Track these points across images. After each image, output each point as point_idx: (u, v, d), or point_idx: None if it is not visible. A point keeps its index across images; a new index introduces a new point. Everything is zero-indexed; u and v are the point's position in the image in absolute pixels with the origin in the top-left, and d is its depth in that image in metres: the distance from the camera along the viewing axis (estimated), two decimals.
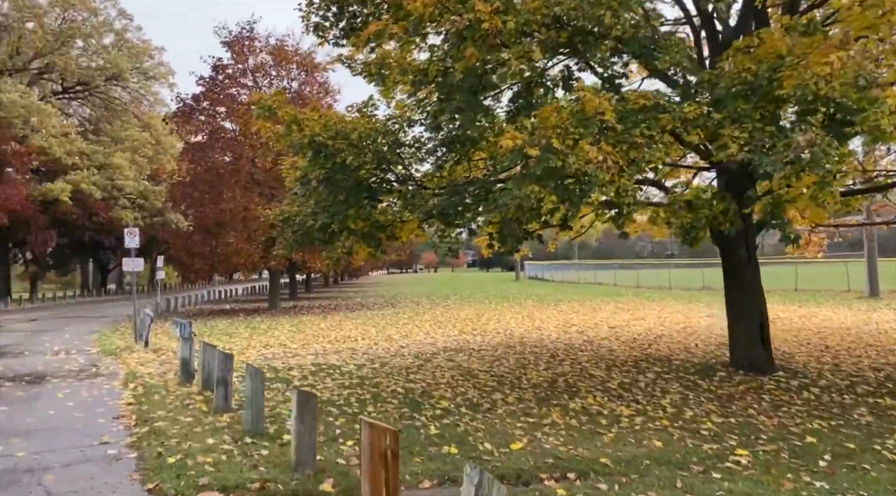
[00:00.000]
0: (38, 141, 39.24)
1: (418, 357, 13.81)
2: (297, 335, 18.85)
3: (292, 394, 5.77)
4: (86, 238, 48.89)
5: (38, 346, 16.79)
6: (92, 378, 11.49)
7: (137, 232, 17.24)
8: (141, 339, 16.49)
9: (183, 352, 10.76)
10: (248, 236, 27.23)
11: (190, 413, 8.25)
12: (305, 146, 8.91)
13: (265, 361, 13.27)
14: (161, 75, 47.87)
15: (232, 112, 27.42)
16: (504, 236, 8.58)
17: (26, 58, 42.88)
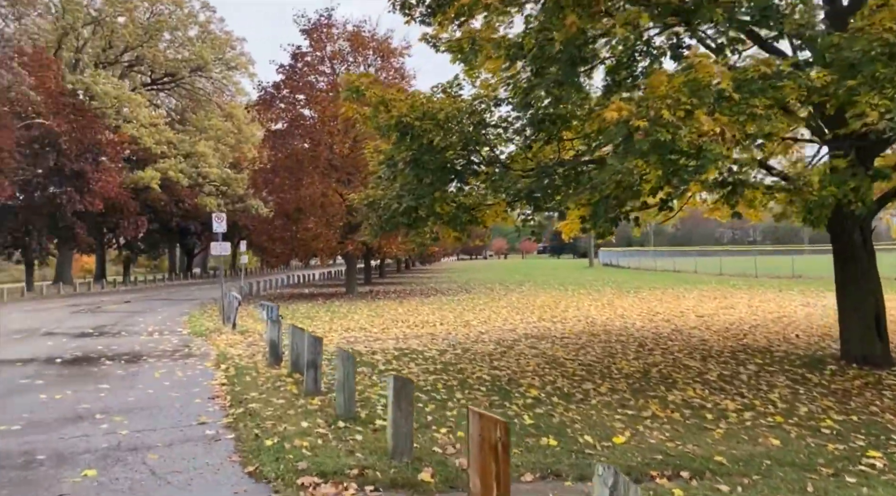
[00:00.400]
0: (129, 130, 41.21)
1: (499, 343, 13.56)
2: (377, 319, 18.96)
3: (389, 381, 5.62)
4: (173, 224, 51.16)
5: (133, 327, 17.57)
6: (185, 358, 11.84)
7: (225, 217, 17.71)
8: (229, 322, 16.97)
9: (271, 335, 10.90)
10: (327, 222, 27.67)
11: (281, 395, 8.30)
12: (392, 128, 8.74)
13: (348, 345, 13.35)
14: (242, 65, 49.28)
15: (311, 99, 27.80)
16: (598, 218, 8.16)
17: (118, 51, 45.01)
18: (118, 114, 42.43)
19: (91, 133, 37.73)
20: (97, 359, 11.80)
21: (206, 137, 47.18)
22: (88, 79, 39.13)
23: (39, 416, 7.35)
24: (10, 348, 13.42)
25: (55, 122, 35.08)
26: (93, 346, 13.50)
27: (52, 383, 9.44)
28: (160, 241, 59.31)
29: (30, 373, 10.34)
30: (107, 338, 15.08)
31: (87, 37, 43.59)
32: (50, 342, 14.29)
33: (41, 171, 35.43)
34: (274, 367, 10.61)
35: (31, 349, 13.19)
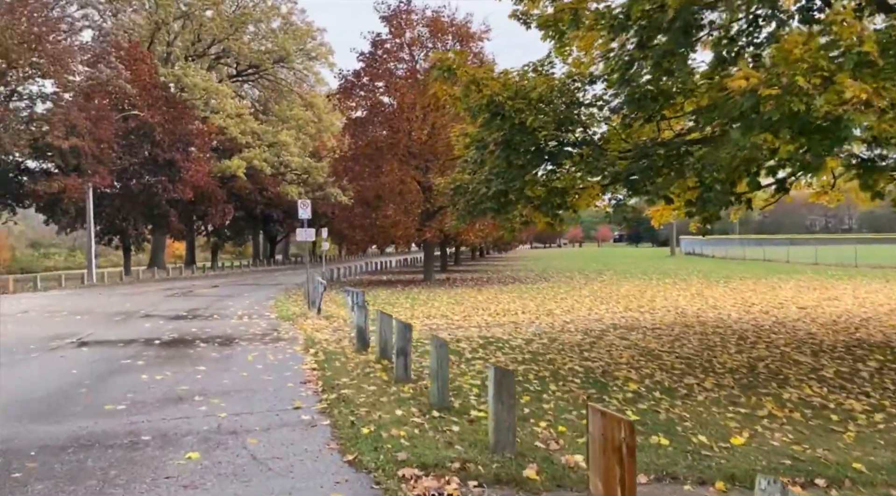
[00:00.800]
0: (217, 121, 42.73)
1: (587, 333, 13.09)
2: (457, 307, 18.81)
3: (489, 371, 5.36)
4: (257, 211, 52.86)
5: (223, 310, 18.13)
6: (275, 342, 12.02)
7: (309, 203, 17.95)
8: (314, 307, 17.23)
9: (358, 321, 10.88)
10: (405, 209, 27.74)
11: (372, 382, 8.21)
12: (483, 108, 8.42)
13: (432, 332, 13.23)
14: (322, 55, 50.15)
15: (390, 86, 27.85)
16: (708, 202, 7.60)
17: (206, 44, 46.67)
18: (206, 105, 44.06)
19: (182, 124, 39.36)
20: (192, 341, 12.15)
21: (288, 127, 48.36)
22: (179, 71, 40.79)
23: (142, 397, 7.54)
24: (113, 330, 14.06)
25: (149, 113, 36.76)
26: (187, 329, 13.97)
27: (152, 364, 9.74)
28: (245, 228, 61.51)
29: (131, 353, 10.74)
30: (200, 321, 15.60)
31: (178, 31, 45.42)
32: (148, 324, 14.90)
33: (137, 160, 37.25)
34: (361, 353, 10.58)
35: (131, 331, 13.77)
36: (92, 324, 15.09)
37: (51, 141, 27.96)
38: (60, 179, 28.34)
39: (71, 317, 16.51)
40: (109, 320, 15.81)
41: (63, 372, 9.11)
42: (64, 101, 30.22)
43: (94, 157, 30.21)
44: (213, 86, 41.76)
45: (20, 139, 26.32)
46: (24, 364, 9.83)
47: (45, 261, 67.76)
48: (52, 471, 4.97)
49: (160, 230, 42.10)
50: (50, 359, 10.19)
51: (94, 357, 10.40)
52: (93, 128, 29.68)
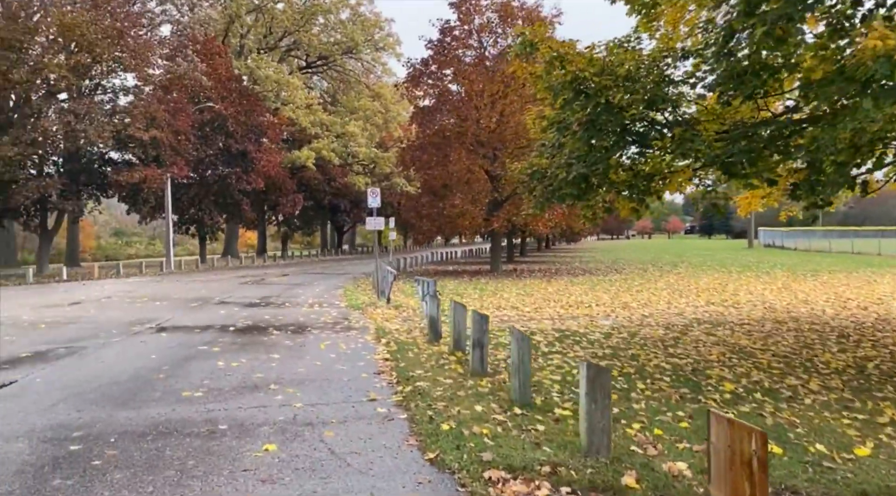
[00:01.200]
0: (287, 112, 43.47)
1: (669, 328, 12.41)
2: (527, 298, 18.34)
3: (581, 367, 4.94)
4: (325, 202, 53.68)
5: (294, 299, 18.28)
6: (346, 331, 11.92)
7: (379, 192, 17.83)
8: (383, 296, 17.13)
9: (430, 311, 10.61)
10: (472, 198, 27.38)
11: (447, 374, 7.91)
12: (566, 86, 7.93)
13: (503, 324, 12.84)
14: (389, 46, 50.23)
15: (458, 74, 27.47)
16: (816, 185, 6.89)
17: (277, 36, 47.52)
18: (277, 97, 44.91)
19: (254, 116, 40.21)
20: (266, 328, 12.20)
21: (356, 117, 48.76)
22: (252, 64, 41.66)
23: (218, 384, 7.49)
24: (190, 316, 14.33)
25: (224, 105, 37.71)
26: (261, 316, 14.08)
27: (227, 351, 9.76)
28: (313, 218, 62.66)
29: (207, 339, 10.83)
30: (272, 308, 15.74)
31: (251, 24, 46.41)
32: (223, 311, 15.13)
33: (212, 152, 38.33)
34: (434, 344, 10.31)
35: (207, 317, 13.99)
36: (170, 309, 15.46)
37: (132, 132, 29.00)
38: (141, 170, 29.39)
39: (150, 303, 17.00)
40: (186, 306, 16.17)
41: (143, 357, 9.23)
42: (144, 93, 31.32)
43: (172, 148, 31.20)
44: (285, 78, 42.47)
45: (104, 131, 27.39)
46: (107, 349, 10.04)
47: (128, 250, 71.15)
48: (131, 460, 4.89)
49: (233, 220, 43.28)
50: (130, 345, 10.38)
51: (172, 343, 10.53)
52: (171, 119, 30.63)
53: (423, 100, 29.37)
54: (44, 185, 27.06)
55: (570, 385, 7.47)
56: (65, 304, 16.81)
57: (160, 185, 30.60)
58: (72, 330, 12.04)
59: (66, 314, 14.50)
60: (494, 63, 27.12)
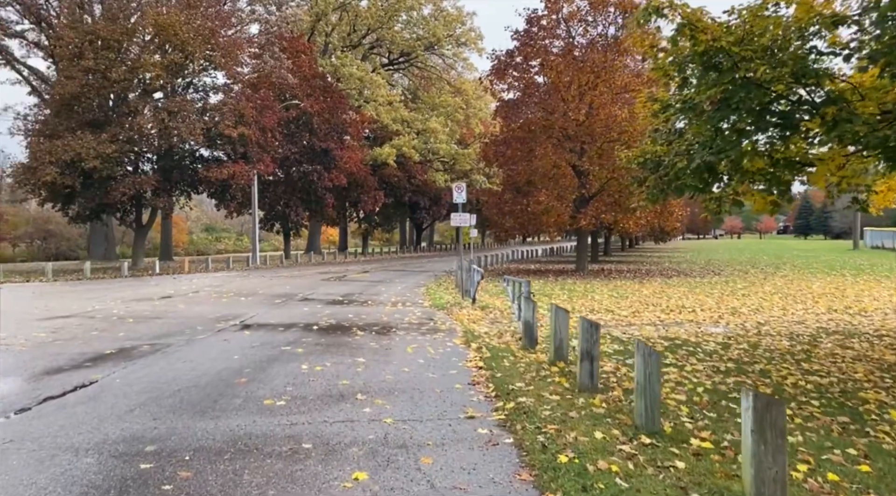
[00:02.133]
0: (369, 110, 43.53)
1: (793, 339, 10.99)
2: (621, 301, 17.10)
3: (743, 398, 3.93)
4: (405, 199, 53.61)
5: (376, 296, 17.81)
6: (432, 333, 11.20)
7: (465, 187, 17.07)
8: (468, 296, 16.38)
9: (525, 315, 9.72)
10: (559, 195, 26.21)
11: (551, 389, 7.01)
12: (696, 59, 6.85)
13: (601, 330, 11.78)
14: (471, 41, 49.49)
15: (545, 65, 26.35)
16: None
17: (360, 34, 47.72)
18: (360, 94, 45.08)
19: (337, 114, 40.44)
20: (349, 328, 11.66)
21: (437, 114, 48.33)
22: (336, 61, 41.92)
23: (302, 391, 6.90)
24: (274, 312, 14.03)
25: (308, 103, 38.08)
26: (344, 314, 13.61)
27: (311, 352, 9.23)
28: (393, 215, 62.88)
29: (290, 339, 10.37)
30: (355, 306, 15.27)
31: (335, 23, 46.80)
32: (306, 308, 14.78)
33: (296, 149, 38.81)
34: (529, 351, 9.42)
35: (291, 314, 13.64)
36: (254, 305, 15.27)
37: (222, 129, 29.55)
38: (229, 166, 29.91)
39: (236, 299, 16.92)
40: (270, 303, 15.96)
41: (225, 357, 8.81)
42: (233, 91, 31.90)
43: (258, 144, 31.64)
44: (368, 75, 42.53)
45: (195, 128, 27.99)
46: (190, 346, 9.73)
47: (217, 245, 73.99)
48: (205, 485, 4.27)
49: (316, 216, 43.77)
50: (214, 343, 10.04)
51: (255, 341, 10.13)
52: (258, 117, 31.04)
53: (507, 93, 28.43)
54: (139, 182, 27.95)
55: (697, 406, 6.41)
56: (155, 298, 16.99)
57: (247, 181, 31.08)
58: (158, 325, 11.91)
59: (154, 308, 14.54)
60: (584, 53, 25.84)
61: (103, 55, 27.25)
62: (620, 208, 25.66)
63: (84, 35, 27.60)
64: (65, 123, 27.66)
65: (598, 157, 25.64)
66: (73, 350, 9.37)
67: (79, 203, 29.18)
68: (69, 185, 27.27)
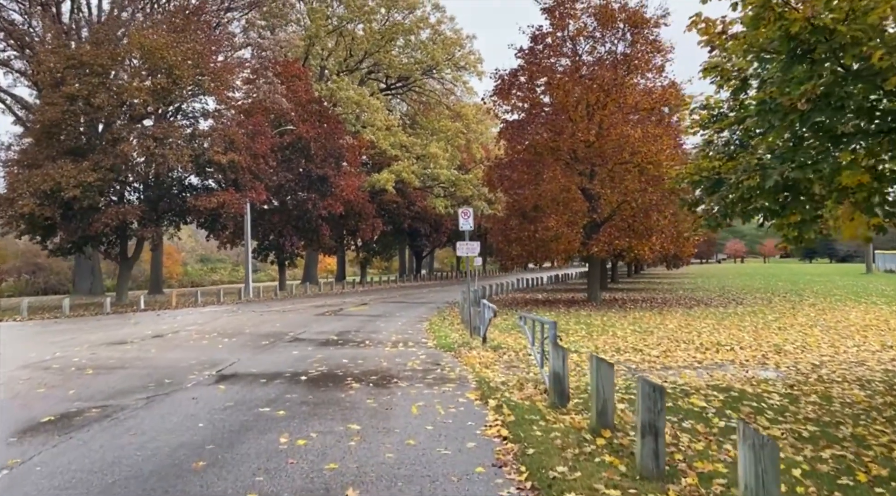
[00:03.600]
0: (367, 135, 42.26)
1: (865, 386, 9.34)
2: (647, 337, 15.42)
3: None
4: (405, 225, 52.14)
5: (375, 334, 16.13)
6: (440, 383, 9.52)
7: (472, 212, 15.51)
8: (477, 334, 14.71)
9: (554, 365, 8.05)
10: (569, 220, 24.67)
11: (605, 475, 5.33)
12: (780, 44, 5.32)
13: (630, 372, 10.09)
14: (471, 64, 48.53)
15: (551, 84, 25.03)
16: None
17: (357, 58, 46.71)
18: (357, 119, 43.88)
19: (333, 139, 39.14)
20: (343, 378, 9.98)
21: (437, 138, 47.12)
22: (333, 85, 40.75)
23: (275, 483, 5.24)
24: (258, 358, 12.35)
25: (304, 128, 36.77)
26: (338, 359, 11.92)
27: (294, 415, 7.56)
28: (392, 242, 61.38)
29: (272, 396, 8.69)
30: (351, 348, 13.58)
31: (331, 48, 45.84)
32: (295, 351, 13.10)
33: (291, 176, 37.41)
34: (560, 410, 7.75)
35: (277, 360, 11.96)
36: (237, 349, 13.58)
37: (210, 156, 28.16)
38: (219, 194, 28.42)
39: (218, 341, 15.23)
40: (255, 345, 14.27)
41: (187, 426, 7.13)
42: (224, 117, 30.56)
43: (250, 172, 30.20)
44: (365, 99, 41.35)
45: (183, 155, 26.56)
46: (148, 410, 8.04)
47: (213, 275, 72.23)
48: None
49: (312, 245, 42.23)
50: (178, 403, 8.35)
51: (229, 400, 8.44)
52: (249, 143, 29.65)
53: (511, 114, 27.08)
54: (122, 212, 26.38)
55: None
56: (128, 341, 15.30)
57: (238, 209, 29.54)
58: (120, 378, 10.22)
59: (123, 355, 12.84)
60: (592, 71, 24.53)
61: (86, 81, 25.92)
62: (635, 233, 24.11)
63: (67, 60, 26.31)
64: (45, 152, 26.21)
65: (610, 180, 24.17)
66: (1, 418, 7.68)
67: (60, 235, 27.61)
68: (48, 217, 25.72)
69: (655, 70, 25.39)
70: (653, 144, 23.01)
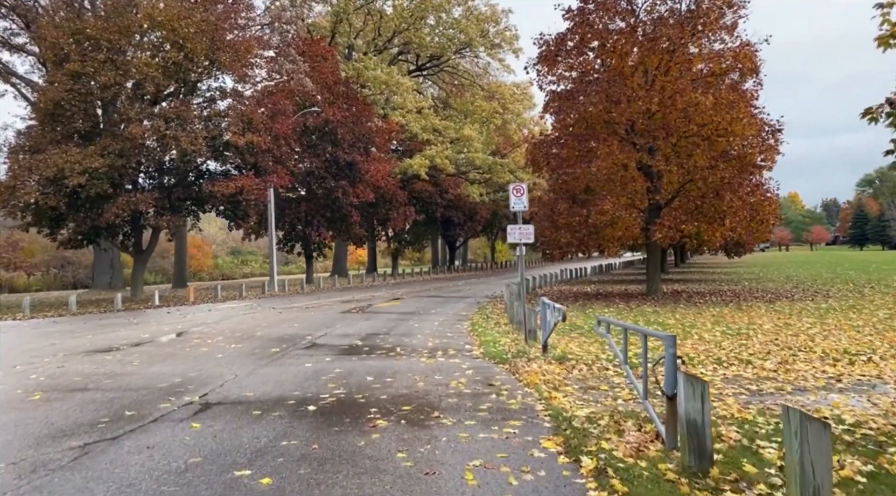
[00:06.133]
0: (397, 118, 39.57)
1: None
2: (746, 342, 12.41)
3: None
4: (437, 214, 49.48)
5: (407, 338, 13.44)
6: (499, 419, 6.74)
7: (525, 189, 12.64)
8: (532, 337, 11.90)
9: (687, 408, 5.17)
10: (628, 202, 21.61)
11: None
12: None
13: (756, 399, 7.18)
14: (507, 40, 45.37)
15: (605, 47, 21.93)
16: None
17: (386, 37, 43.97)
18: (386, 102, 41.22)
19: (361, 123, 36.60)
20: (365, 408, 7.28)
21: (471, 120, 44.18)
22: (360, 64, 38.13)
23: None
24: (259, 374, 9.74)
25: (330, 111, 34.28)
26: (361, 376, 9.24)
27: (286, 485, 4.87)
28: (424, 232, 58.82)
29: (261, 443, 6.03)
30: (378, 358, 10.90)
31: (360, 27, 43.18)
32: (309, 363, 10.46)
33: (318, 162, 35.00)
34: (698, 478, 4.90)
35: (283, 378, 9.32)
36: (238, 360, 11.02)
37: (228, 138, 25.83)
38: (237, 179, 26.06)
39: (222, 347, 12.72)
40: (264, 353, 11.70)
41: None
42: (243, 96, 28.16)
43: (271, 154, 27.79)
44: (394, 78, 38.61)
45: (196, 137, 24.22)
46: (77, 469, 5.47)
47: (243, 268, 70.64)
48: None
49: (342, 235, 39.83)
50: (121, 458, 5.75)
51: (199, 452, 5.81)
52: (269, 122, 27.22)
53: (557, 84, 24.01)
54: (133, 201, 24.17)
55: None
56: (115, 347, 12.89)
57: (259, 195, 27.15)
58: (69, 408, 7.70)
59: (95, 370, 10.36)
60: (654, 29, 21.35)
61: (92, 57, 23.70)
62: (704, 217, 20.91)
63: (71, 34, 24.11)
64: (49, 136, 24.15)
65: (676, 156, 21.01)
66: None
67: (69, 227, 25.58)
68: (54, 207, 23.66)
69: (726, 30, 22.06)
70: (727, 112, 19.77)
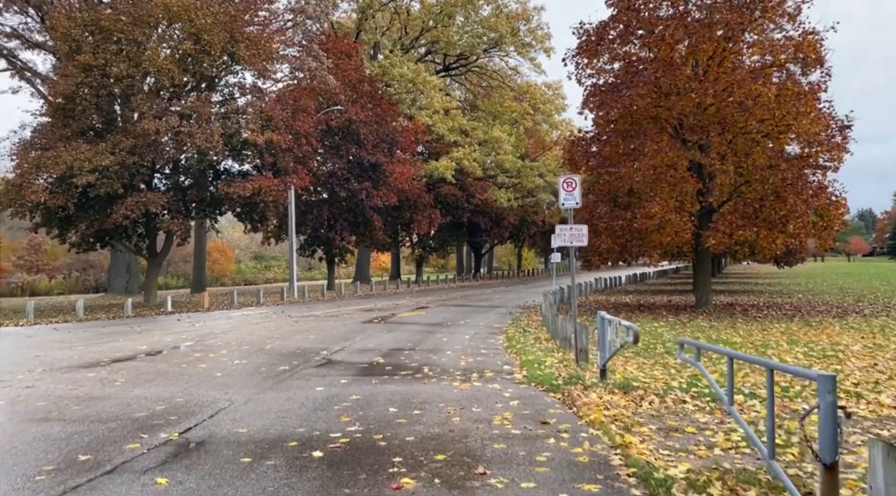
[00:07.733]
0: (423, 118, 38.02)
1: None
2: (838, 366, 10.42)
3: None
4: (464, 219, 47.78)
5: (436, 356, 11.69)
6: (566, 477, 4.92)
7: (577, 182, 10.84)
8: (583, 357, 10.07)
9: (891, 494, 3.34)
10: (678, 205, 19.65)
11: None
12: None
13: None
14: (538, 39, 43.63)
15: (651, 36, 20.06)
16: None
17: (413, 36, 42.52)
18: (412, 102, 39.71)
19: (386, 122, 35.11)
20: (386, 456, 5.53)
21: (500, 122, 42.46)
22: (385, 61, 36.68)
23: None
24: (260, 400, 8.06)
25: (353, 110, 32.84)
26: (381, 406, 7.50)
27: None
28: (449, 238, 57.15)
29: None
30: (402, 382, 9.15)
31: (386, 25, 41.81)
32: (321, 387, 8.75)
33: (341, 163, 33.56)
34: None
35: (287, 407, 7.62)
36: (240, 380, 9.37)
37: (246, 136, 24.45)
38: (255, 179, 24.64)
39: (223, 363, 11.11)
40: (270, 372, 10.05)
41: None
42: (263, 93, 26.80)
43: (292, 153, 26.35)
44: (421, 76, 37.06)
45: (212, 135, 22.85)
46: None
47: (266, 273, 69.53)
48: None
49: (364, 241, 38.32)
50: None
51: None
52: (289, 120, 25.79)
53: (597, 77, 22.17)
54: (144, 201, 22.83)
55: None
56: (100, 363, 11.35)
57: (278, 197, 25.70)
58: (12, 448, 6.08)
59: (69, 392, 8.77)
60: (706, 14, 19.45)
61: (104, 48, 22.48)
62: (764, 222, 18.87)
63: (83, 25, 22.95)
64: (59, 132, 22.94)
65: (734, 154, 19.03)
66: None
67: (78, 228, 24.35)
68: (61, 206, 22.43)
69: (787, 16, 20.04)
70: (792, 105, 17.76)
